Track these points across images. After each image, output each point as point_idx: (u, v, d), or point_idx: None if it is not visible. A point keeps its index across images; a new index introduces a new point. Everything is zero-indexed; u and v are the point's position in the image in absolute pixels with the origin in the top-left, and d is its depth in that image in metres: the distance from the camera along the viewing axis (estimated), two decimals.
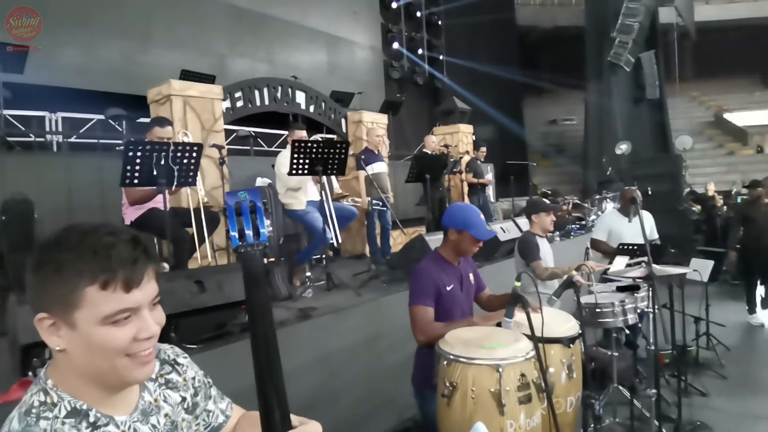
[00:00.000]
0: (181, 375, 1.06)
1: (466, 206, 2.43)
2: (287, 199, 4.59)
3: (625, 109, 14.41)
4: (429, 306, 2.27)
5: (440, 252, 2.46)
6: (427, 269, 2.37)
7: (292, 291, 4.09)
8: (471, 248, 2.34)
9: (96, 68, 7.24)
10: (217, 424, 1.10)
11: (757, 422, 3.64)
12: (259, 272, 0.99)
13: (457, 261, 2.43)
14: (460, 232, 2.33)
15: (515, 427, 1.75)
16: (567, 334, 2.11)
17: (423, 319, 2.25)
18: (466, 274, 2.48)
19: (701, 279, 4.40)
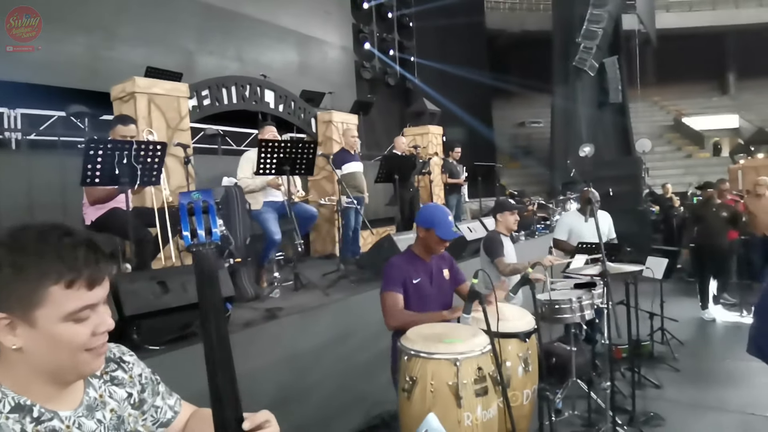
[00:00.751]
0: (127, 372, 1.08)
1: (436, 207, 2.53)
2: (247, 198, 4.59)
3: (590, 112, 14.83)
4: (397, 292, 2.39)
5: (412, 248, 2.57)
6: (396, 262, 2.50)
7: (258, 291, 4.09)
8: (437, 246, 2.45)
9: (58, 64, 7.03)
10: (166, 419, 1.13)
11: (708, 412, 3.83)
12: (212, 271, 1.01)
13: (428, 257, 2.53)
14: (427, 230, 2.43)
15: (472, 419, 1.82)
16: (523, 329, 2.19)
17: (391, 304, 2.36)
18: (438, 269, 2.56)
19: (653, 276, 4.59)
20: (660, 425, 3.65)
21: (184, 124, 5.36)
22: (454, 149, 8.12)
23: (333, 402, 3.53)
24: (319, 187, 6.65)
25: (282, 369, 3.36)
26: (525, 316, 2.31)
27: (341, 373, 3.60)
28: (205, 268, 1.04)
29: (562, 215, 5.21)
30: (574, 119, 14.69)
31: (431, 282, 2.48)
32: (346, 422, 3.63)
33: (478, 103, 17.82)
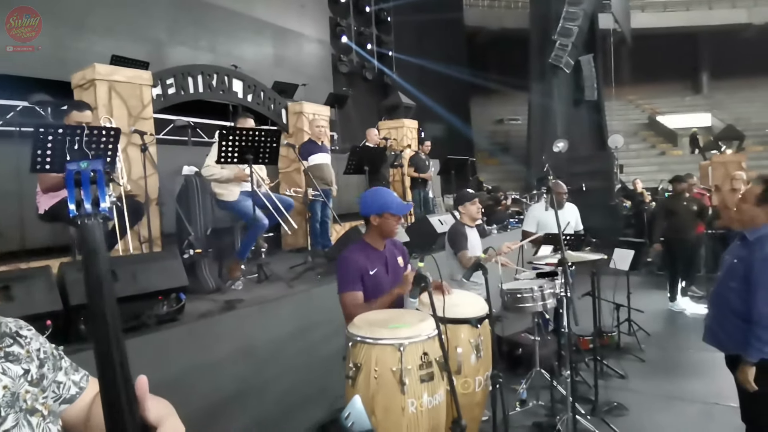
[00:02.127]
0: (24, 347, 0.99)
1: (379, 190, 2.47)
2: (218, 189, 4.46)
3: (566, 109, 14.96)
4: (356, 291, 2.31)
5: (365, 239, 2.48)
6: (350, 256, 2.40)
7: (220, 284, 3.98)
8: (394, 227, 2.39)
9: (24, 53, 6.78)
10: (69, 395, 1.05)
11: (671, 402, 3.86)
12: (98, 244, 0.93)
13: (382, 245, 2.46)
14: (380, 216, 2.36)
15: (416, 406, 1.76)
16: (475, 315, 2.14)
17: (352, 304, 2.29)
18: (392, 257, 2.50)
19: (619, 267, 4.62)
20: (623, 415, 3.66)
21: (147, 113, 5.20)
22: (424, 143, 8.07)
23: (293, 395, 3.45)
24: (290, 179, 6.53)
25: (240, 361, 3.27)
26: (478, 302, 2.27)
27: (302, 366, 3.52)
28: (90, 241, 0.95)
29: (531, 207, 5.21)
30: (551, 116, 14.80)
31: (387, 270, 2.42)
32: (307, 416, 3.54)
33: (456, 100, 17.83)
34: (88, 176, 0.96)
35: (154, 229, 4.52)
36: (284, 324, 3.62)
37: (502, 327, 5.23)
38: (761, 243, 2.48)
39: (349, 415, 1.34)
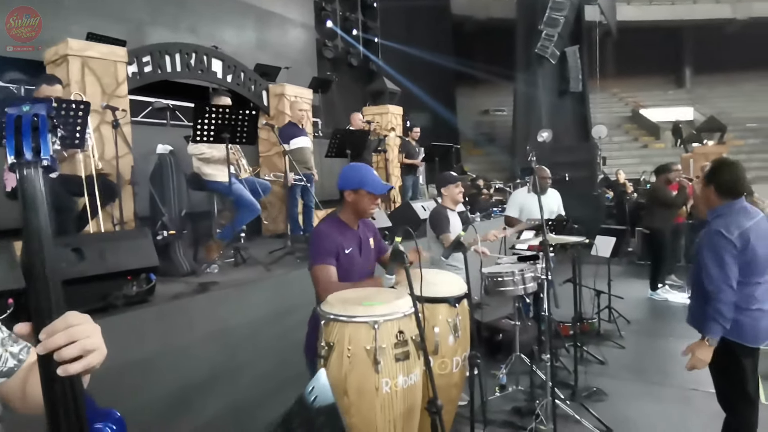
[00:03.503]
0: None
1: (359, 165, 2.36)
2: (209, 170, 4.34)
3: (551, 99, 14.98)
4: (330, 264, 2.19)
5: (339, 216, 2.37)
6: (326, 231, 2.29)
7: (195, 266, 3.86)
8: (369, 206, 2.27)
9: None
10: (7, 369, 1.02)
11: (650, 387, 3.86)
12: (38, 194, 0.84)
13: (356, 224, 2.35)
14: (356, 191, 2.25)
15: (391, 385, 1.69)
16: (453, 294, 2.08)
17: (325, 277, 2.16)
18: (365, 238, 2.40)
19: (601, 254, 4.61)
20: (602, 400, 3.65)
21: (121, 91, 5.01)
22: (413, 129, 7.99)
23: (269, 381, 3.37)
24: (271, 163, 6.39)
25: (213, 345, 3.17)
26: (456, 281, 2.20)
27: (279, 350, 3.42)
28: (29, 193, 0.86)
29: (514, 193, 5.18)
30: (535, 106, 14.81)
31: (360, 252, 2.32)
32: (282, 402, 3.46)
33: (442, 89, 17.72)
34: (29, 121, 0.87)
35: (128, 210, 4.38)
36: (260, 307, 3.52)
37: (482, 313, 5.21)
38: (710, 222, 2.60)
39: (313, 389, 1.26)
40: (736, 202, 2.59)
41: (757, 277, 2.51)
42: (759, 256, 2.48)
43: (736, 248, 2.46)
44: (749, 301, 2.49)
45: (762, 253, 2.49)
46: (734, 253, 2.46)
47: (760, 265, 2.50)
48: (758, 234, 2.49)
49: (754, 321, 2.50)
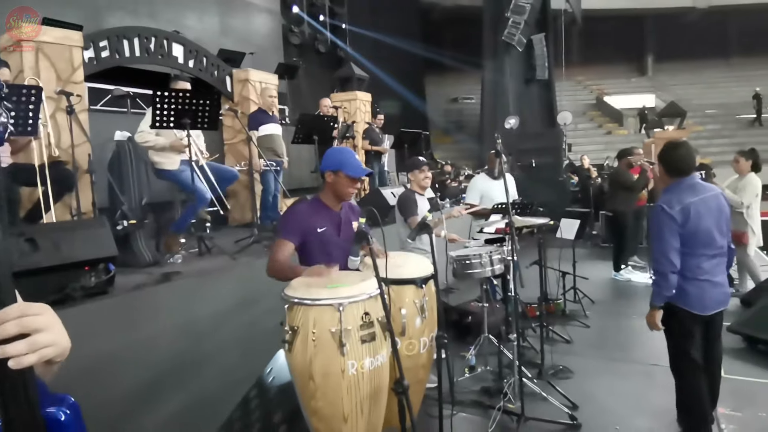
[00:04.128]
0: None
1: (341, 148, 2.37)
2: (157, 157, 4.19)
3: (517, 87, 15.12)
4: (289, 241, 2.21)
5: (320, 197, 2.38)
6: (298, 209, 2.33)
7: (157, 257, 3.75)
8: (348, 189, 2.27)
9: None
10: None
11: (614, 363, 3.98)
12: None
13: (337, 206, 2.35)
14: (335, 173, 2.25)
15: (357, 368, 1.68)
16: (419, 275, 2.08)
17: (279, 250, 2.20)
18: (347, 220, 2.39)
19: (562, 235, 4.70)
20: (568, 377, 3.75)
21: (77, 77, 4.80)
22: (377, 116, 7.93)
23: (236, 372, 3.31)
24: (236, 151, 6.26)
25: (178, 336, 3.10)
26: (423, 263, 2.20)
27: (245, 340, 3.37)
28: None
29: (473, 179, 5.19)
30: (503, 93, 14.92)
31: (339, 232, 2.30)
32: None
33: (411, 76, 17.69)
34: None
35: (86, 201, 4.21)
36: (226, 297, 3.46)
37: (449, 297, 5.28)
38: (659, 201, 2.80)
39: (271, 370, 1.24)
40: (684, 180, 2.76)
41: (703, 249, 2.67)
42: (703, 230, 2.64)
43: (677, 222, 2.63)
44: (696, 272, 2.67)
45: (706, 226, 2.65)
46: (674, 227, 2.63)
47: (706, 238, 2.66)
48: (703, 209, 2.65)
49: (701, 290, 2.68)
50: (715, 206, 2.70)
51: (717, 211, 2.70)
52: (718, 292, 2.73)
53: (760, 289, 5.07)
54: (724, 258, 2.78)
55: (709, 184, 2.91)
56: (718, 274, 2.74)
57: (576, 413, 3.13)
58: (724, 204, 2.78)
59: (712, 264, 2.71)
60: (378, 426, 1.81)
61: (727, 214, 2.78)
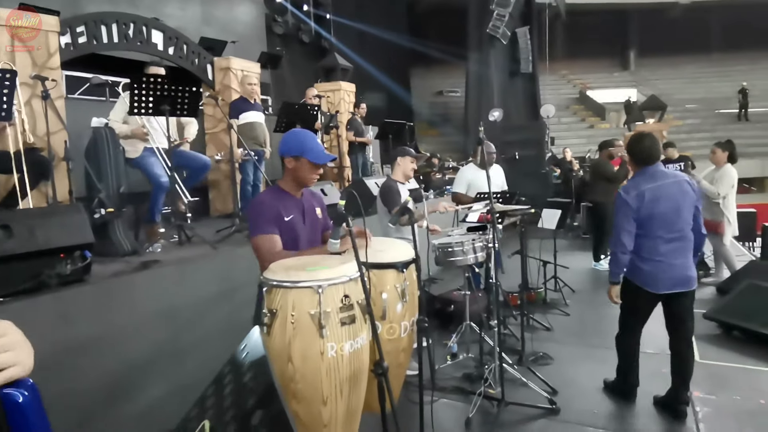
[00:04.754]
0: None
1: (302, 131, 2.29)
2: (125, 145, 4.12)
3: (502, 80, 15.19)
4: (273, 233, 2.13)
5: (280, 184, 2.31)
6: (264, 200, 2.24)
7: (137, 246, 3.69)
8: (310, 175, 2.21)
9: None
10: None
11: (593, 350, 4.03)
12: None
13: (298, 193, 2.29)
14: (297, 159, 2.19)
15: (336, 350, 1.68)
16: (400, 259, 2.08)
17: (268, 247, 2.10)
18: (310, 206, 2.35)
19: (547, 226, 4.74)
20: (548, 364, 3.80)
21: (54, 62, 4.69)
22: (360, 106, 7.90)
23: (216, 361, 3.27)
24: (218, 140, 6.19)
25: (157, 325, 3.06)
26: (404, 248, 2.20)
27: (226, 329, 3.34)
28: None
29: (461, 169, 5.22)
30: (487, 85, 14.98)
31: (304, 220, 2.27)
32: None
33: (396, 69, 17.65)
34: None
35: (62, 189, 4.13)
36: (206, 285, 3.42)
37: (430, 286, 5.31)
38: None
39: (245, 346, 1.24)
40: (648, 168, 2.97)
41: (660, 232, 2.88)
42: (658, 214, 2.86)
43: (631, 207, 2.87)
44: (651, 252, 2.90)
45: (662, 211, 2.86)
46: (628, 212, 2.88)
47: (662, 222, 2.87)
48: (659, 194, 2.86)
49: (655, 270, 2.90)
50: (675, 192, 2.88)
51: (677, 197, 2.87)
52: (675, 274, 2.90)
53: (735, 278, 5.18)
54: (685, 242, 2.93)
55: (674, 172, 3.10)
56: (678, 257, 2.90)
57: (555, 398, 3.18)
58: (688, 190, 2.92)
59: (670, 247, 2.88)
60: (358, 409, 1.82)
61: (692, 200, 2.93)
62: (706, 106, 21.91)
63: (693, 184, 2.98)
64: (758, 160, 16.68)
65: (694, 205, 2.94)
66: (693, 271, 2.97)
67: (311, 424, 1.70)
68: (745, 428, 2.91)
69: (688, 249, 2.96)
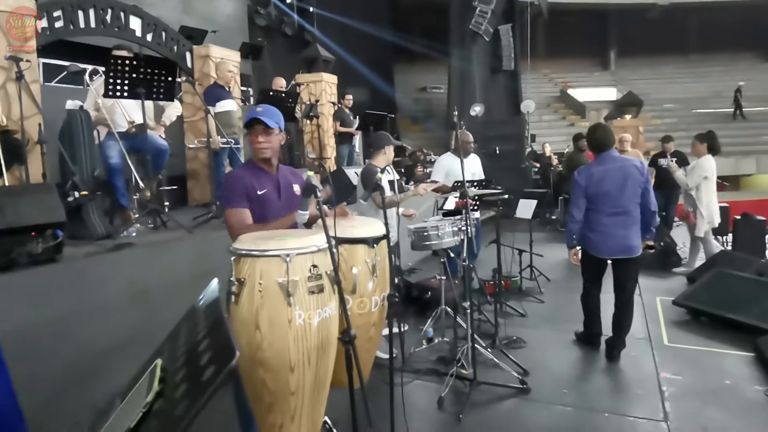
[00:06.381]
0: None
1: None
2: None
3: (484, 76, 15.28)
4: (242, 207, 2.16)
5: (253, 159, 2.33)
6: (235, 174, 2.29)
7: (111, 230, 3.65)
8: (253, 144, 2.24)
9: None
10: None
11: (564, 335, 4.11)
12: None
13: (272, 168, 2.31)
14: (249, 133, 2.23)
15: (304, 318, 1.70)
16: (371, 235, 2.11)
17: (237, 220, 2.13)
18: (287, 183, 2.35)
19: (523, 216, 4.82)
20: (521, 347, 3.88)
21: (29, 46, 4.62)
22: (345, 96, 7.90)
23: None
24: (196, 129, 6.13)
25: (130, 306, 3.04)
26: (375, 224, 2.23)
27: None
28: None
29: (439, 158, 5.26)
30: (470, 81, 15.06)
31: (279, 195, 2.28)
32: None
33: (380, 63, 17.64)
34: None
35: (36, 172, 4.07)
36: (181, 268, 3.41)
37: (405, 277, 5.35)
38: None
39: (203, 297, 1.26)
40: (602, 155, 3.53)
41: (604, 207, 3.47)
42: (602, 192, 3.44)
43: (581, 186, 3.50)
44: (597, 224, 3.51)
45: (606, 190, 3.44)
46: (578, 190, 3.50)
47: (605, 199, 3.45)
48: (605, 176, 3.44)
49: (600, 238, 3.51)
50: (620, 175, 3.44)
51: (620, 178, 3.44)
52: (616, 243, 3.49)
53: (705, 267, 5.33)
54: (627, 216, 3.47)
55: (623, 157, 3.62)
56: (619, 229, 3.47)
57: (526, 378, 3.24)
58: (633, 173, 3.45)
59: (612, 220, 3.47)
60: (326, 379, 1.84)
61: (638, 181, 3.45)
62: (683, 105, 22.35)
63: (641, 168, 3.48)
64: (732, 159, 17.06)
65: (640, 186, 3.45)
66: (634, 241, 3.50)
67: (279, 392, 1.73)
68: (710, 406, 3.01)
69: (630, 223, 3.48)
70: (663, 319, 4.52)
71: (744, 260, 5.13)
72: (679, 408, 2.99)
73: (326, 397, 1.89)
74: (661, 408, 2.99)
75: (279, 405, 1.74)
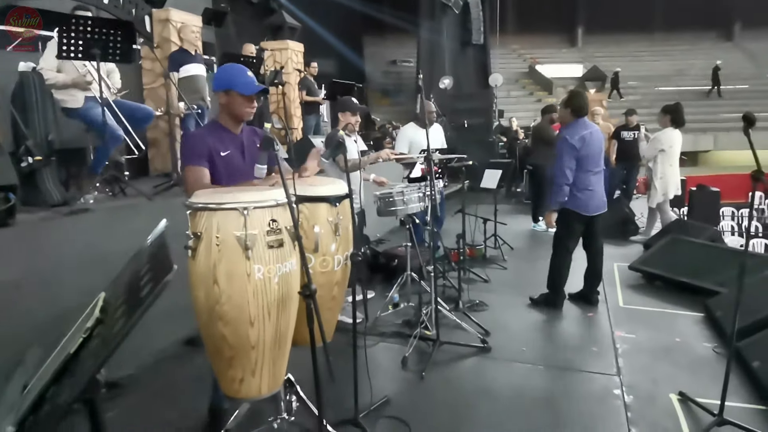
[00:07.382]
0: None
1: (232, 65, 2.23)
2: (60, 95, 3.88)
3: (453, 49, 15.21)
4: (202, 166, 2.09)
5: (218, 120, 2.26)
6: (198, 133, 2.22)
7: (67, 197, 3.52)
8: (243, 109, 2.17)
9: None
10: None
11: (525, 299, 4.23)
12: None
13: (237, 128, 2.25)
14: (227, 93, 2.15)
15: (264, 272, 1.70)
16: (333, 193, 2.10)
17: (195, 178, 2.06)
18: (251, 142, 2.30)
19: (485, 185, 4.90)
20: (484, 310, 4.00)
21: None
22: (311, 64, 7.74)
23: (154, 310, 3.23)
24: (156, 96, 5.91)
25: (88, 271, 2.95)
26: (338, 183, 2.22)
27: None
28: None
29: (401, 129, 5.26)
30: (439, 54, 14.98)
31: (243, 155, 2.24)
32: (172, 331, 3.38)
33: (349, 35, 17.32)
34: None
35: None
36: (141, 233, 3.30)
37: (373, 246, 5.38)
38: (561, 132, 3.92)
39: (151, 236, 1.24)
40: (582, 119, 3.83)
41: (591, 167, 3.77)
42: (591, 154, 3.75)
43: (575, 148, 3.71)
44: (585, 184, 3.77)
45: (593, 151, 3.77)
46: (572, 152, 3.71)
47: (592, 159, 3.77)
48: (591, 139, 3.76)
49: (587, 198, 3.79)
50: (597, 138, 3.83)
51: (599, 141, 3.85)
52: (598, 200, 3.84)
53: (659, 235, 5.55)
54: (602, 174, 3.90)
55: (591, 122, 3.95)
56: (599, 186, 3.84)
57: (488, 338, 3.34)
58: (601, 137, 3.93)
59: (596, 179, 3.82)
60: (287, 334, 1.85)
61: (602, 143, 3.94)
62: (647, 83, 22.84)
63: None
64: (691, 135, 17.62)
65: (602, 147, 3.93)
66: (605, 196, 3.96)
67: (239, 346, 1.73)
68: (660, 361, 3.18)
69: (603, 179, 3.93)
70: (619, 283, 4.70)
71: (697, 228, 5.37)
72: (632, 363, 3.15)
73: (287, 352, 1.90)
74: (614, 363, 3.14)
75: (239, 359, 1.74)
